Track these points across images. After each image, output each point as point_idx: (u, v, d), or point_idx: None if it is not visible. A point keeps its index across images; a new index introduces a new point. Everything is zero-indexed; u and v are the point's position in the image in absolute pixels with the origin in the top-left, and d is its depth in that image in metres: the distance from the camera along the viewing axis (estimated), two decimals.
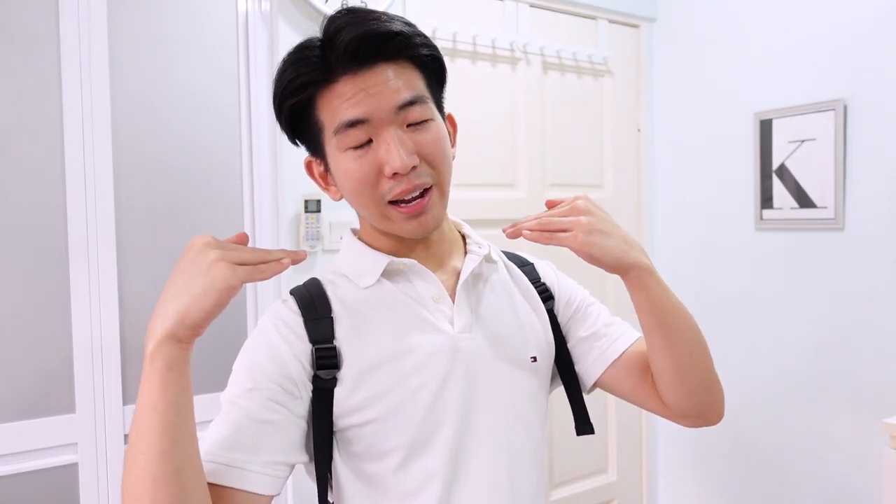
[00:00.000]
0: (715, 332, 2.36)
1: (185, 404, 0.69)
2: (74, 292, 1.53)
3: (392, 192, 0.77)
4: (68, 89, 1.52)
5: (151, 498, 0.63)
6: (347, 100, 0.76)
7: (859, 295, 1.96)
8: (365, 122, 0.76)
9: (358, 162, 0.77)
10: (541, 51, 2.28)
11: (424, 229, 0.81)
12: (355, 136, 0.76)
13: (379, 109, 0.75)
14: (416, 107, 0.77)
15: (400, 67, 0.77)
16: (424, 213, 0.79)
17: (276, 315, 0.82)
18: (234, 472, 0.72)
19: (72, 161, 1.53)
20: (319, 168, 0.86)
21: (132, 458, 0.65)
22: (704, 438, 2.43)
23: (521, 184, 2.27)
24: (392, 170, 0.75)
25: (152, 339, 0.71)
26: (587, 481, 2.46)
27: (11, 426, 1.47)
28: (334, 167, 0.81)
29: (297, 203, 1.79)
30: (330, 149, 0.80)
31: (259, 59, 1.75)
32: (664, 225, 2.56)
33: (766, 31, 2.18)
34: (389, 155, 0.75)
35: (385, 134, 0.76)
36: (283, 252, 0.74)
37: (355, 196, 0.81)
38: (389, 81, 0.76)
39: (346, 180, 0.80)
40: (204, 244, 0.71)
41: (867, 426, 1.94)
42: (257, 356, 0.81)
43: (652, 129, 2.57)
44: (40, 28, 1.50)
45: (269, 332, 0.81)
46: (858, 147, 1.94)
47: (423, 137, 0.78)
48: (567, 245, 0.80)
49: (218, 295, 0.68)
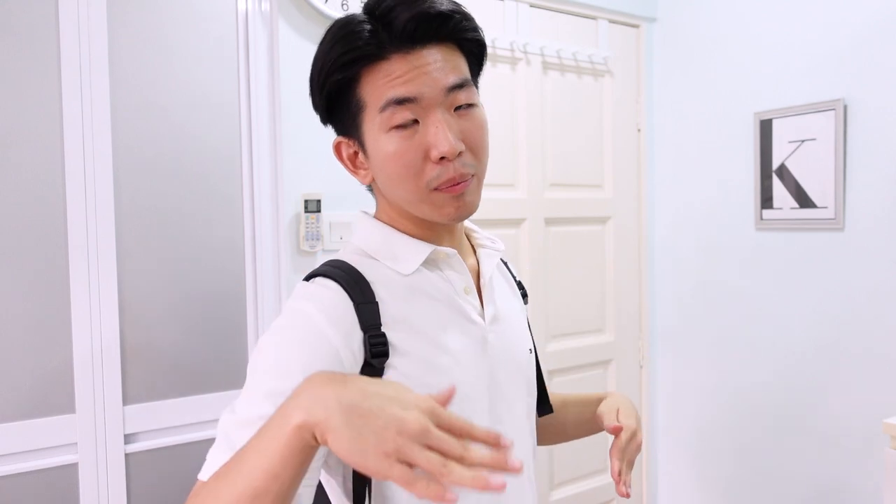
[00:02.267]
0: (715, 332, 2.37)
1: (290, 494, 0.60)
2: (74, 292, 1.53)
3: (439, 178, 0.75)
4: (68, 89, 1.52)
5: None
6: (397, 78, 0.73)
7: (859, 295, 1.96)
8: (414, 101, 0.74)
9: (404, 144, 0.74)
10: (541, 51, 2.28)
11: (462, 213, 0.79)
12: (402, 115, 0.74)
13: (430, 89, 0.74)
14: (464, 91, 0.76)
15: (449, 50, 0.77)
16: (465, 196, 0.78)
17: (321, 298, 0.74)
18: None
19: (72, 161, 1.53)
20: (349, 150, 0.82)
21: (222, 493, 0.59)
22: (704, 438, 2.43)
23: (521, 184, 2.27)
24: (440, 153, 0.73)
25: (318, 416, 0.56)
26: (587, 481, 2.46)
27: (11, 426, 1.47)
28: (373, 149, 0.78)
29: (297, 203, 1.79)
30: (370, 129, 0.77)
31: (259, 59, 1.75)
32: (664, 225, 2.56)
33: (766, 31, 2.18)
34: (437, 138, 0.73)
35: (434, 115, 0.74)
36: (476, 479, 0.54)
37: (396, 180, 0.77)
38: (439, 62, 0.75)
39: (387, 163, 0.76)
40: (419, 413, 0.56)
41: (867, 426, 1.94)
42: (302, 350, 0.71)
43: (652, 129, 2.57)
44: (40, 28, 1.50)
45: (315, 319, 0.72)
46: (858, 147, 1.94)
47: (468, 124, 0.77)
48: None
49: (362, 461, 0.54)
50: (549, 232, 2.34)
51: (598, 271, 2.48)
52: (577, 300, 2.42)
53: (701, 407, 2.44)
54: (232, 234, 1.73)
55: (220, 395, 1.70)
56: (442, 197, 0.77)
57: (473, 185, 0.79)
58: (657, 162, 2.57)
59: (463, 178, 0.76)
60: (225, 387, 1.71)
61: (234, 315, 1.72)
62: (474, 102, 0.79)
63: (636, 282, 2.58)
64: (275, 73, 1.76)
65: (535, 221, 2.29)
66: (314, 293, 0.75)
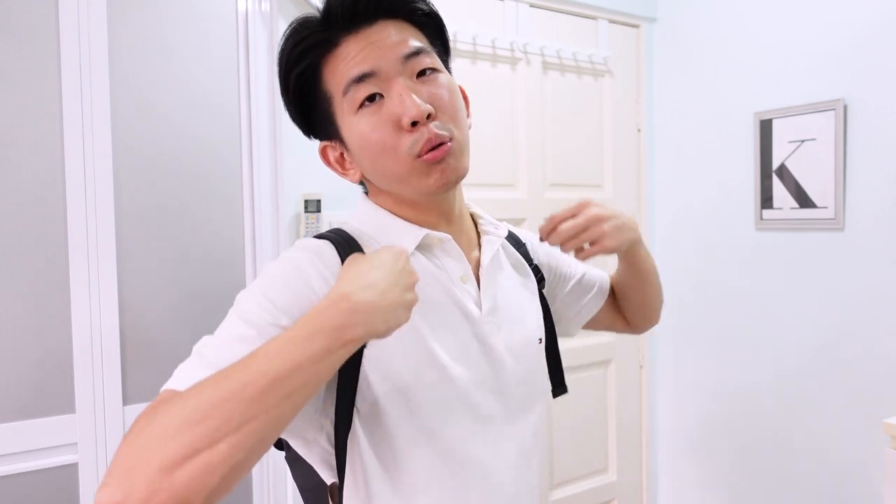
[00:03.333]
0: (715, 332, 2.37)
1: (316, 387, 0.60)
2: (74, 292, 1.53)
3: (417, 143, 0.74)
4: (68, 89, 1.52)
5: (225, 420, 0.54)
6: (352, 58, 0.75)
7: (859, 295, 1.96)
8: (373, 75, 0.74)
9: (373, 119, 0.74)
10: (541, 51, 2.28)
11: (449, 178, 0.76)
12: (365, 90, 0.74)
13: (385, 60, 0.74)
14: (423, 56, 0.77)
15: (399, 23, 0.77)
16: (447, 159, 0.76)
17: (310, 249, 0.75)
18: None
19: (72, 161, 1.53)
20: (335, 152, 0.82)
21: (228, 378, 0.56)
22: (705, 438, 2.43)
23: (521, 184, 2.27)
24: (409, 118, 0.73)
25: (370, 333, 0.62)
26: (587, 481, 2.46)
27: (11, 426, 1.47)
28: (349, 136, 0.78)
29: (297, 203, 1.79)
30: (342, 118, 0.77)
31: (259, 59, 1.75)
32: (664, 225, 2.56)
33: (766, 31, 2.18)
34: (403, 104, 0.73)
35: (395, 85, 0.74)
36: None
37: (377, 158, 0.76)
38: (391, 35, 0.76)
39: (364, 144, 0.76)
40: (408, 269, 0.69)
41: (867, 426, 1.94)
42: (289, 286, 0.70)
43: (652, 129, 2.57)
44: (40, 28, 1.50)
45: (303, 265, 0.72)
46: (858, 147, 1.94)
47: (434, 88, 0.76)
48: (604, 252, 0.89)
49: (388, 332, 0.65)
50: None
51: None
52: None
53: (701, 407, 2.44)
54: (232, 234, 1.73)
55: None
56: (424, 165, 0.75)
57: (455, 148, 0.77)
58: (657, 162, 2.57)
59: (440, 140, 0.75)
60: None
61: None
62: (437, 67, 0.78)
63: None
64: (275, 73, 1.76)
65: (536, 221, 2.29)
66: (308, 246, 0.76)
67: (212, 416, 0.53)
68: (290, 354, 0.57)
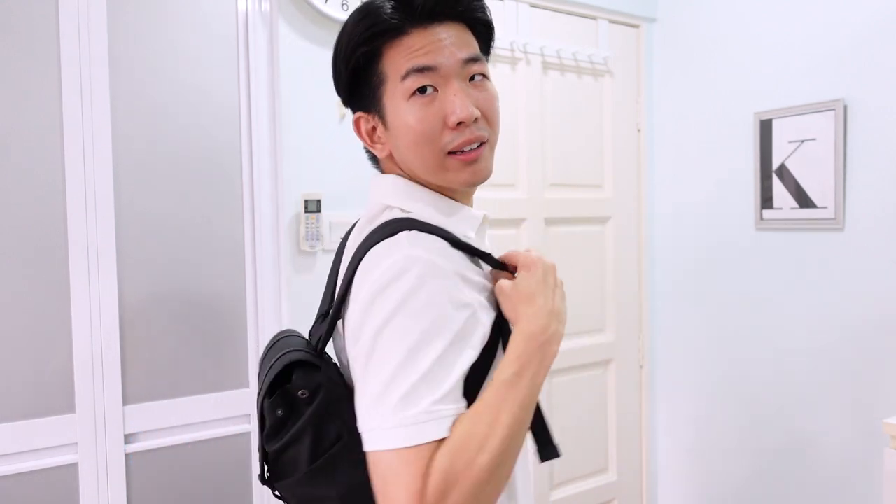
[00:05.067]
0: (714, 332, 2.37)
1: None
2: (74, 292, 1.53)
3: (454, 141, 0.80)
4: (68, 89, 1.52)
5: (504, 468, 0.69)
6: (418, 50, 0.80)
7: (859, 295, 1.96)
8: (433, 69, 0.79)
9: (424, 110, 0.79)
10: (541, 51, 2.28)
11: (477, 178, 0.83)
12: (422, 80, 0.79)
13: (447, 60, 0.80)
14: (479, 64, 0.83)
15: (461, 28, 0.84)
16: (478, 162, 0.82)
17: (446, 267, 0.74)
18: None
19: (71, 161, 1.53)
20: (368, 125, 0.87)
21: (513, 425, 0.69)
22: (704, 438, 2.43)
23: (521, 184, 2.27)
24: (457, 119, 0.79)
25: (556, 341, 0.77)
26: (587, 481, 2.46)
27: (11, 426, 1.47)
28: (393, 119, 0.82)
29: (297, 203, 1.79)
30: (391, 99, 0.82)
31: (259, 59, 1.75)
32: (664, 225, 2.56)
33: (766, 31, 2.18)
34: (455, 104, 0.79)
35: (452, 84, 0.80)
36: None
37: (414, 147, 0.81)
38: (454, 38, 0.82)
39: (407, 130, 0.81)
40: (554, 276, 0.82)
41: (867, 426, 1.94)
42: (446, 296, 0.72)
43: (652, 129, 2.57)
44: (40, 28, 1.50)
45: (456, 294, 0.73)
46: (858, 147, 1.94)
47: (483, 94, 0.83)
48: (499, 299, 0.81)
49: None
50: (549, 232, 2.34)
51: (598, 271, 2.48)
52: (577, 300, 2.42)
53: (701, 407, 2.44)
54: (232, 234, 1.73)
55: (220, 396, 1.70)
56: (457, 163, 0.81)
57: (486, 151, 0.83)
58: (657, 162, 2.57)
59: (478, 140, 0.81)
60: (225, 387, 1.71)
61: (235, 315, 1.72)
62: (488, 75, 0.85)
63: (636, 282, 2.58)
64: (275, 73, 1.76)
65: (535, 221, 2.29)
66: (420, 241, 0.75)
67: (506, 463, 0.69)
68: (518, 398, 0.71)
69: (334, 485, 0.77)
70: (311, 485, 0.78)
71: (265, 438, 0.79)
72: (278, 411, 0.77)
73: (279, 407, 0.77)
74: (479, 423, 0.68)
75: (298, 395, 0.76)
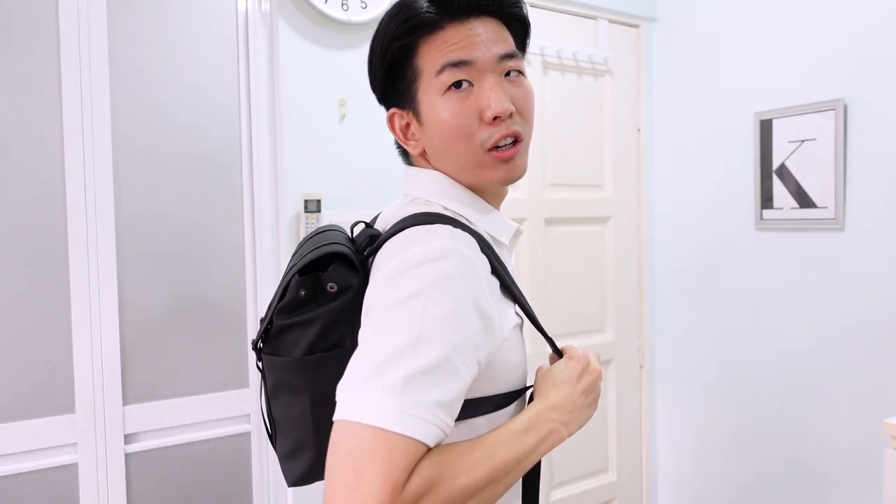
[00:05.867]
0: (714, 332, 2.37)
1: (524, 470, 0.72)
2: (74, 292, 1.53)
3: (492, 138, 0.79)
4: (68, 89, 1.52)
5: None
6: (454, 44, 0.79)
7: (859, 295, 1.96)
8: (469, 64, 0.79)
9: (459, 105, 0.79)
10: (541, 51, 2.28)
11: (513, 176, 0.83)
12: (458, 75, 0.79)
13: (483, 55, 0.79)
14: (515, 60, 0.82)
15: (497, 23, 0.83)
16: (515, 160, 0.82)
17: (470, 266, 0.72)
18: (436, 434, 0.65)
19: (71, 161, 1.53)
20: (402, 121, 0.86)
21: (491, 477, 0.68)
22: (704, 438, 2.43)
23: (521, 184, 2.27)
24: (493, 113, 0.78)
25: (566, 429, 0.76)
26: (587, 481, 2.46)
27: (11, 426, 1.47)
28: (427, 114, 0.81)
29: (297, 203, 1.79)
30: (425, 95, 0.81)
31: (259, 59, 1.75)
32: (664, 225, 2.56)
33: (766, 30, 2.18)
34: (490, 99, 0.78)
35: (487, 79, 0.80)
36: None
37: (450, 142, 0.80)
38: (490, 33, 0.81)
39: (443, 125, 0.80)
40: (598, 390, 0.82)
41: (867, 426, 1.94)
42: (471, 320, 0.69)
43: (652, 129, 2.57)
44: (40, 28, 1.50)
45: (476, 293, 0.71)
46: (858, 147, 1.94)
47: (518, 90, 0.82)
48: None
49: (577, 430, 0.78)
50: (548, 232, 2.34)
51: (598, 271, 2.48)
52: (577, 300, 2.42)
53: (701, 407, 2.44)
54: (232, 234, 1.73)
55: (220, 396, 1.70)
56: (493, 160, 0.81)
57: (522, 149, 0.83)
58: (657, 162, 2.57)
59: (515, 136, 0.81)
60: (225, 387, 1.71)
61: (234, 315, 1.72)
62: (523, 72, 0.84)
63: (636, 282, 2.58)
64: (275, 73, 1.76)
65: (535, 221, 2.29)
66: (460, 238, 0.73)
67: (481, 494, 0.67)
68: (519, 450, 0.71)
69: (312, 384, 0.76)
70: (294, 373, 0.76)
71: (277, 310, 0.77)
72: (302, 291, 0.75)
73: (305, 288, 0.75)
74: (476, 449, 0.67)
75: (327, 286, 0.75)
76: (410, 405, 0.61)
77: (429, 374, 0.63)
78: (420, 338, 0.64)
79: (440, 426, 0.63)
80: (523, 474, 0.72)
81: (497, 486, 0.68)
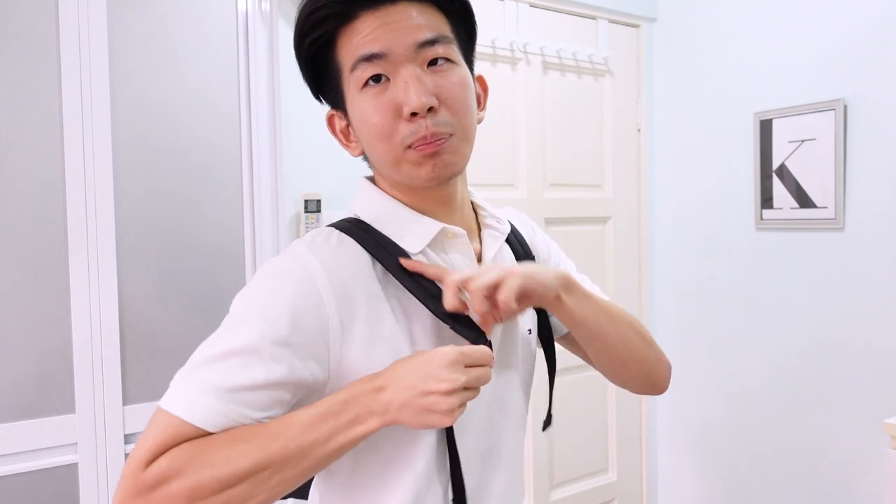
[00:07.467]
0: (714, 332, 2.37)
1: (326, 459, 0.66)
2: (74, 292, 1.53)
3: (413, 136, 0.72)
4: (68, 89, 1.52)
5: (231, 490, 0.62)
6: (366, 35, 0.72)
7: (859, 295, 1.96)
8: (382, 56, 0.72)
9: (375, 101, 0.73)
10: (541, 51, 2.28)
11: (441, 173, 0.75)
12: (371, 70, 0.72)
13: (397, 44, 0.72)
14: (438, 46, 0.73)
15: (424, 8, 0.74)
16: (442, 154, 0.74)
17: (321, 257, 0.72)
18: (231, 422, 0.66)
19: (72, 161, 1.53)
20: (341, 122, 0.81)
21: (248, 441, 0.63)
22: (704, 438, 2.43)
23: (521, 184, 2.27)
24: (409, 109, 0.71)
25: (391, 407, 0.67)
26: (587, 481, 2.46)
27: (11, 426, 1.47)
28: (352, 112, 0.76)
29: (297, 203, 1.79)
30: (349, 92, 0.76)
31: (259, 59, 1.75)
32: (664, 225, 2.56)
33: (766, 30, 2.18)
34: (406, 93, 0.71)
35: (402, 71, 0.72)
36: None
37: (374, 142, 0.75)
38: (411, 18, 0.73)
39: (364, 124, 0.75)
40: (454, 365, 0.67)
41: (867, 426, 1.94)
42: (295, 313, 0.69)
43: (652, 129, 2.57)
44: (40, 28, 1.50)
45: (310, 286, 0.70)
46: (858, 147, 1.94)
47: (443, 80, 0.73)
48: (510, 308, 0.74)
49: (422, 426, 0.68)
50: (549, 232, 2.33)
51: (598, 271, 2.48)
52: None
53: (701, 407, 2.44)
54: (232, 233, 1.73)
55: None
56: (416, 155, 0.73)
57: (453, 143, 0.74)
58: (657, 162, 2.57)
59: (436, 138, 0.72)
60: None
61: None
62: (451, 58, 0.75)
63: (636, 282, 2.58)
64: (275, 73, 1.76)
65: (535, 221, 2.29)
66: (319, 250, 0.73)
67: (245, 484, 0.62)
68: (302, 439, 0.64)
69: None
70: None
71: None
72: None
73: None
74: (247, 438, 0.63)
75: None
76: (190, 385, 0.65)
77: (222, 360, 0.65)
78: (229, 325, 0.69)
79: (221, 410, 0.64)
80: (333, 461, 0.67)
81: (275, 477, 0.63)
